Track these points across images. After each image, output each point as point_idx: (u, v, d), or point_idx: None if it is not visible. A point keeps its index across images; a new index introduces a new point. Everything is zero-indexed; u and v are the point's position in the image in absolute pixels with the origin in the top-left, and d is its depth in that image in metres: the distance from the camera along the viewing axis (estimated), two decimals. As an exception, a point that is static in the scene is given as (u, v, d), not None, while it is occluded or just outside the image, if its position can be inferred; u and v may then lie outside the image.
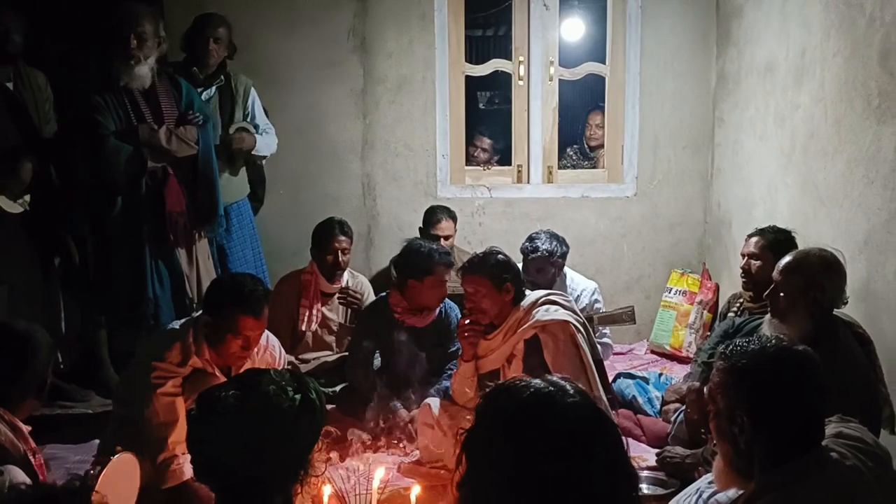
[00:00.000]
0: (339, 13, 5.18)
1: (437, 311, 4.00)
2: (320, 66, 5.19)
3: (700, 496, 2.10)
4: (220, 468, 1.79)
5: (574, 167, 5.85)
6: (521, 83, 5.43)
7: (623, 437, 1.40)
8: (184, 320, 3.30)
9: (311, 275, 4.40)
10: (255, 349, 3.23)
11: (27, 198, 4.03)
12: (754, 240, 3.64)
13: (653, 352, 5.29)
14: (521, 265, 3.84)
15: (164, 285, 3.96)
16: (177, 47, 4.37)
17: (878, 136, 3.29)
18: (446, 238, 4.73)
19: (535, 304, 3.35)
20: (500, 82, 5.99)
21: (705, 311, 5.15)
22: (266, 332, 3.28)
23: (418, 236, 4.70)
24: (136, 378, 3.21)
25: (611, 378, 3.86)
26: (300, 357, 4.38)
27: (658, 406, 3.94)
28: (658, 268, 5.48)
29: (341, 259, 4.36)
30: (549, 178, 5.49)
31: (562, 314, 3.31)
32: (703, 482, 2.18)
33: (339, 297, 4.48)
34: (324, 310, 4.45)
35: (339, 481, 2.83)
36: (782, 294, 2.84)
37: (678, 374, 4.51)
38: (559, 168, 5.58)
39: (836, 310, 2.88)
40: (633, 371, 4.49)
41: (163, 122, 3.92)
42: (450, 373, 3.74)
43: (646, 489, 3.19)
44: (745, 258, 3.65)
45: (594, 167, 5.78)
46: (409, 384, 3.86)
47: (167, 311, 3.92)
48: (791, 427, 1.83)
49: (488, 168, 5.65)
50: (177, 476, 3.05)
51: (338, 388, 4.15)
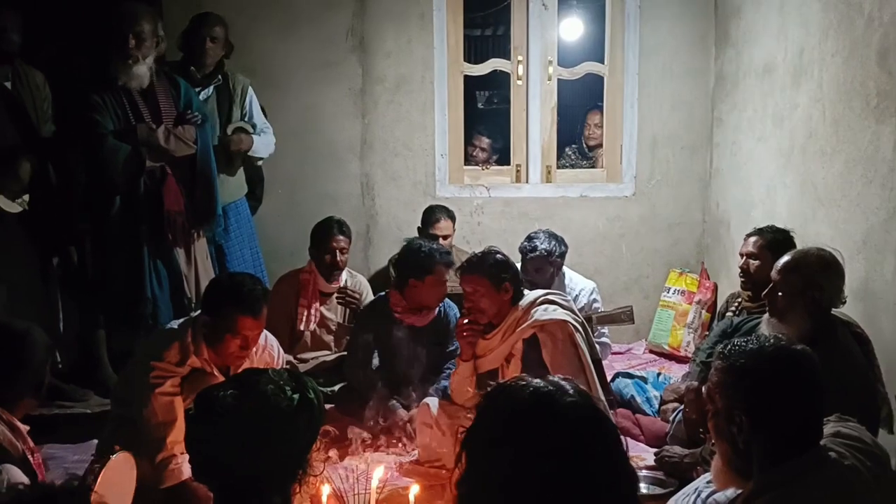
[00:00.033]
0: (337, 13, 5.18)
1: (436, 310, 4.00)
2: (319, 65, 5.19)
3: (698, 496, 2.11)
4: (219, 468, 1.79)
5: (573, 167, 5.85)
6: (519, 83, 5.43)
7: (622, 437, 1.40)
8: (182, 320, 3.29)
9: (309, 274, 4.40)
10: (254, 349, 3.23)
11: (26, 197, 4.03)
12: (753, 239, 3.64)
13: (651, 351, 5.29)
14: (519, 265, 3.84)
15: (163, 285, 3.96)
16: (174, 47, 4.37)
17: (877, 136, 3.29)
18: (445, 238, 4.73)
19: (533, 304, 3.35)
20: (499, 82, 5.99)
21: (704, 311, 5.15)
22: (264, 331, 3.28)
23: (417, 236, 4.70)
24: (134, 378, 3.21)
25: (609, 378, 3.85)
26: (299, 357, 4.38)
27: (656, 405, 3.94)
28: (657, 267, 5.48)
29: (339, 259, 4.36)
30: (547, 177, 5.49)
31: (560, 314, 3.31)
32: (702, 482, 2.18)
33: (337, 297, 4.48)
34: (322, 309, 4.44)
35: (337, 481, 2.83)
36: (781, 293, 2.84)
37: (676, 373, 4.51)
38: (558, 168, 5.58)
39: (834, 309, 2.88)
40: (631, 370, 4.49)
41: (161, 121, 3.92)
42: (448, 372, 3.74)
43: (644, 489, 3.18)
44: (744, 258, 3.65)
45: (593, 167, 5.78)
46: (408, 383, 3.86)
47: (165, 311, 3.92)
48: (789, 426, 1.83)
49: (487, 168, 5.65)
50: (175, 476, 3.05)
51: (336, 388, 4.15)
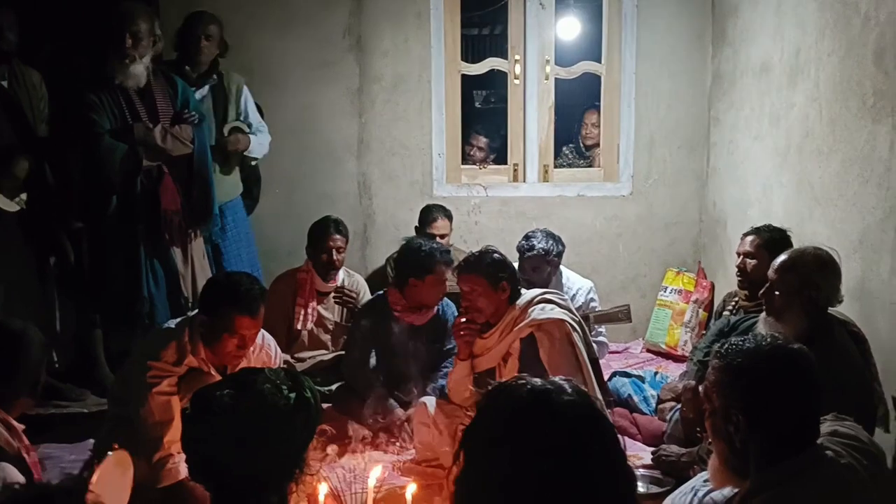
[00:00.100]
0: (334, 12, 5.18)
1: (435, 308, 4.00)
2: (316, 65, 5.19)
3: (695, 494, 2.11)
4: (216, 467, 1.79)
5: (570, 166, 5.85)
6: (516, 82, 5.43)
7: (619, 436, 1.40)
8: (179, 319, 3.29)
9: (306, 273, 4.39)
10: (251, 348, 3.23)
11: (23, 196, 4.02)
12: (750, 238, 3.64)
13: (648, 350, 5.30)
14: (516, 264, 3.84)
15: (160, 284, 3.95)
16: (169, 46, 4.36)
17: (873, 136, 3.30)
18: (442, 237, 4.72)
19: (530, 303, 3.35)
20: (496, 81, 5.98)
21: (701, 310, 5.16)
22: (262, 331, 3.28)
23: (415, 235, 4.69)
24: (131, 377, 3.20)
25: (606, 377, 3.86)
26: (296, 356, 4.37)
27: (654, 405, 3.95)
28: (654, 266, 5.49)
29: (336, 258, 4.36)
30: (544, 176, 5.49)
31: (557, 313, 3.31)
32: (699, 480, 2.19)
33: (334, 296, 4.47)
34: (319, 308, 4.44)
35: (334, 480, 2.83)
36: (777, 293, 2.84)
37: (674, 372, 4.51)
38: (555, 167, 5.58)
39: (830, 308, 2.88)
40: (628, 370, 4.49)
41: (158, 120, 3.91)
42: (445, 371, 3.74)
43: (641, 487, 3.18)
44: (741, 257, 3.65)
45: (590, 166, 5.78)
46: (406, 381, 3.86)
47: (162, 310, 3.91)
48: (786, 425, 1.83)
49: (484, 167, 5.65)
50: (172, 475, 3.04)
51: (334, 387, 4.14)
